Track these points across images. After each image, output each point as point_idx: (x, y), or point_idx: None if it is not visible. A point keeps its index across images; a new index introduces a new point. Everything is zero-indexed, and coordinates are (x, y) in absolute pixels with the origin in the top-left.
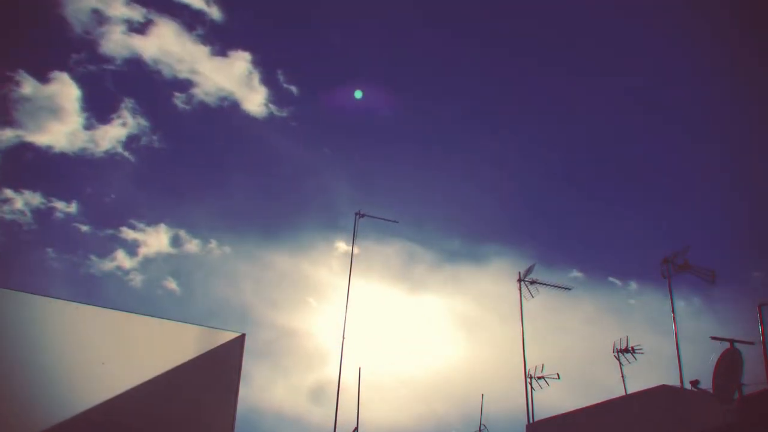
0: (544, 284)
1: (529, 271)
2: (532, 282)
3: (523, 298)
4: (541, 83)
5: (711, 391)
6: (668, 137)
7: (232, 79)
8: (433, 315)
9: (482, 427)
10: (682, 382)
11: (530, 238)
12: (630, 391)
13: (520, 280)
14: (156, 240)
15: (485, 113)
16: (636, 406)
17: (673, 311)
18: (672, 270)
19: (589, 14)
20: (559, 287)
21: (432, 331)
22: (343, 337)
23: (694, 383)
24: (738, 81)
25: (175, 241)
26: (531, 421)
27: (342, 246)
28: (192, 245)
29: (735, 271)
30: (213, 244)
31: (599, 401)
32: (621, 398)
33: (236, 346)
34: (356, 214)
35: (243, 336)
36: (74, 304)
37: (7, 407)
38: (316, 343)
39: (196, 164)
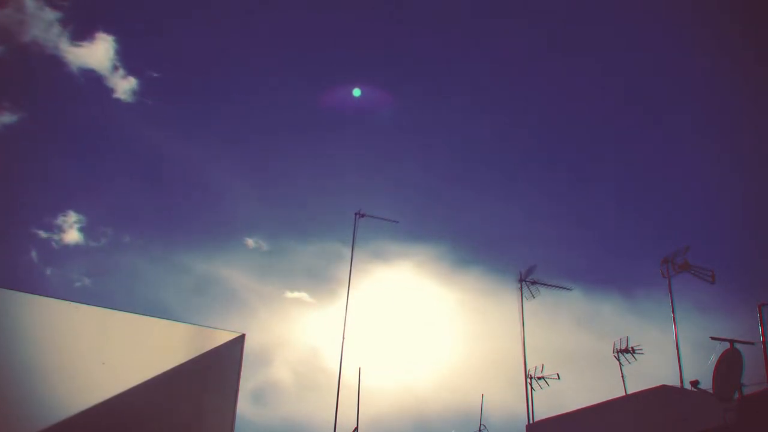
0: (545, 284)
1: (530, 271)
2: (533, 282)
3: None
4: (539, 82)
5: (711, 391)
6: (668, 136)
7: (99, 62)
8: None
9: (482, 427)
10: (682, 382)
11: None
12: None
13: (521, 281)
14: (67, 236)
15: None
16: (636, 406)
17: (673, 311)
18: (672, 270)
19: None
20: (560, 287)
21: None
22: (343, 338)
23: (694, 383)
24: (739, 80)
25: (86, 237)
26: (531, 421)
27: (250, 242)
28: (103, 241)
29: (735, 271)
30: (127, 239)
31: (599, 401)
32: (621, 398)
33: (236, 346)
34: (356, 214)
35: (243, 336)
36: (74, 304)
37: (7, 407)
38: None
39: (85, 154)
